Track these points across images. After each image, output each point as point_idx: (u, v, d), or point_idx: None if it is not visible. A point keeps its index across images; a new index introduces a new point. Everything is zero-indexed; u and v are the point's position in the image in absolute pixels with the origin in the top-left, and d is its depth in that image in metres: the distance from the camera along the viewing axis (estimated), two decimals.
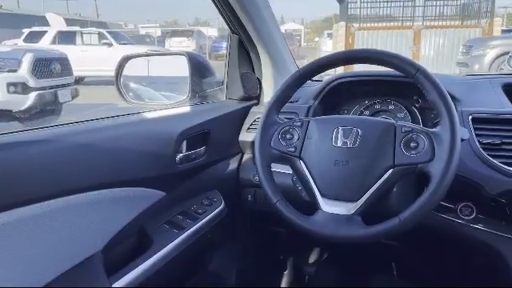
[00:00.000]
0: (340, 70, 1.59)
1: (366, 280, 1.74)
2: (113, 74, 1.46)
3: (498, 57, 9.07)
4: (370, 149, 0.96)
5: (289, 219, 0.98)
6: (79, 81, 9.85)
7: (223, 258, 1.49)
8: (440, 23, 11.45)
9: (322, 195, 0.98)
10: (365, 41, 10.98)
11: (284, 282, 1.77)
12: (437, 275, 1.54)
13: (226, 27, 1.48)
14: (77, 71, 7.32)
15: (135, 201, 1.02)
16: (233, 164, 1.44)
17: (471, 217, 1.09)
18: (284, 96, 1.11)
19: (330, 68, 1.09)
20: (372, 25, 11.54)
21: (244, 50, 1.50)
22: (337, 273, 1.85)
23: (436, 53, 11.22)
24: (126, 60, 1.48)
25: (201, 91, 1.48)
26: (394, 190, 1.02)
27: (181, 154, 1.20)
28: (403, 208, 0.90)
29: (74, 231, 0.86)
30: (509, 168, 1.01)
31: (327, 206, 0.97)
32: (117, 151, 1.01)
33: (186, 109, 1.36)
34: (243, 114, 1.48)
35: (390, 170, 0.94)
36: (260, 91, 1.55)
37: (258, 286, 1.66)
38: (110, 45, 11.77)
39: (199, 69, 1.48)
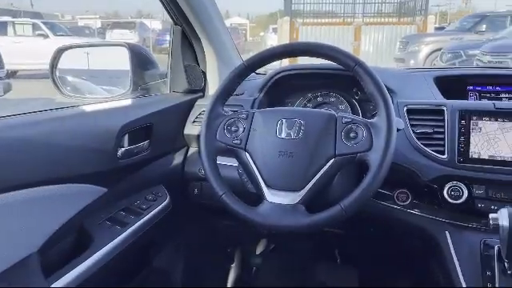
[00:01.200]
0: (286, 64, 1.61)
1: (311, 268, 1.79)
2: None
3: (431, 52, 9.61)
4: (312, 140, 0.99)
5: (234, 211, 0.99)
6: (12, 75, 9.24)
7: (169, 253, 1.47)
8: (379, 20, 11.93)
9: (267, 186, 0.99)
10: (309, 36, 11.20)
11: (231, 275, 1.77)
12: (377, 260, 1.62)
13: (171, 20, 1.45)
14: (9, 64, 6.86)
15: (74, 198, 0.98)
16: (178, 158, 1.42)
17: (407, 202, 1.16)
18: (229, 88, 1.10)
19: (274, 60, 1.10)
20: (315, 20, 11.80)
21: (187, 42, 1.48)
22: (284, 262, 1.88)
23: (375, 48, 11.68)
24: (61, 51, 1.40)
25: (143, 84, 1.45)
26: (336, 178, 1.05)
27: (122, 149, 1.16)
28: (345, 196, 0.93)
29: (8, 231, 0.81)
30: (440, 156, 1.08)
31: (272, 197, 0.98)
32: (54, 146, 0.96)
33: (128, 102, 1.32)
34: (188, 106, 1.46)
35: (332, 160, 0.97)
36: (205, 84, 1.53)
37: (206, 279, 1.65)
38: (45, 36, 11.12)
39: (141, 60, 1.44)
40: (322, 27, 11.53)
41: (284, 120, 1.02)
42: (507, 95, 1.28)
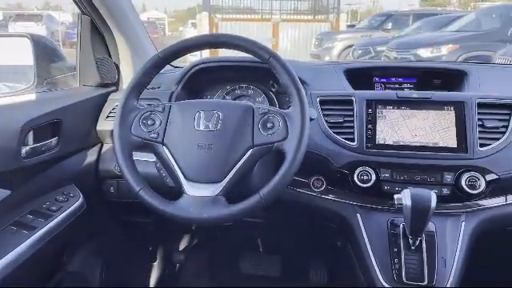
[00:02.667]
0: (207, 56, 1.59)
1: (234, 259, 1.81)
2: None
3: (344, 49, 10.14)
4: (230, 131, 0.99)
5: (153, 206, 0.96)
6: None
7: (86, 255, 1.40)
8: (295, 17, 12.32)
9: (187, 179, 0.98)
10: (228, 31, 11.17)
11: (154, 273, 1.73)
12: (297, 246, 1.68)
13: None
14: None
15: None
16: (91, 155, 1.35)
17: (322, 188, 1.21)
18: (143, 80, 1.07)
19: (189, 52, 1.09)
20: (234, 16, 11.88)
21: (98, 33, 1.40)
22: (208, 255, 1.88)
23: (293, 45, 12.05)
24: None
25: (49, 77, 1.35)
26: (256, 168, 1.07)
27: (27, 147, 1.07)
28: (264, 185, 0.95)
29: None
30: (350, 143, 1.14)
31: (192, 190, 0.97)
32: None
33: (32, 97, 1.22)
34: (100, 101, 1.38)
35: (250, 150, 0.98)
36: (118, 77, 1.47)
37: (127, 280, 1.59)
38: None
39: (46, 52, 1.34)
40: (241, 23, 11.62)
41: (202, 112, 1.02)
42: (408, 85, 1.39)
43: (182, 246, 1.81)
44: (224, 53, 1.26)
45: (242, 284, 1.74)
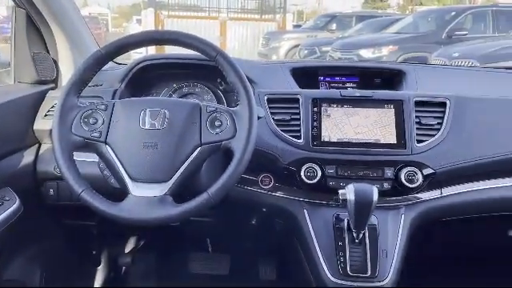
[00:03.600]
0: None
1: (183, 259, 1.79)
2: None
3: (291, 48, 10.32)
4: (177, 129, 0.98)
5: (96, 208, 0.93)
6: None
7: (23, 262, 1.32)
8: (243, 16, 12.36)
9: (132, 179, 0.96)
10: (174, 29, 10.95)
11: (98, 278, 1.67)
12: (246, 244, 1.69)
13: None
14: None
15: None
16: (28, 156, 1.27)
17: (270, 186, 1.22)
18: (84, 77, 1.02)
19: (134, 48, 1.06)
20: (181, 13, 11.70)
21: (34, 27, 1.33)
22: (155, 257, 1.84)
23: (240, 44, 12.09)
24: None
25: None
26: (204, 167, 1.06)
27: None
28: (212, 184, 0.94)
29: None
30: (296, 140, 1.16)
31: (137, 190, 0.95)
32: None
33: None
34: (38, 99, 1.31)
35: (198, 149, 0.97)
36: (57, 74, 1.40)
37: (69, 286, 1.52)
38: None
39: None
40: (188, 20, 11.48)
41: (147, 110, 0.99)
42: (351, 85, 1.44)
43: (128, 249, 1.76)
44: (170, 50, 1.23)
45: (191, 284, 1.73)
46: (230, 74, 1.01)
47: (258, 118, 1.01)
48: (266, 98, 1.22)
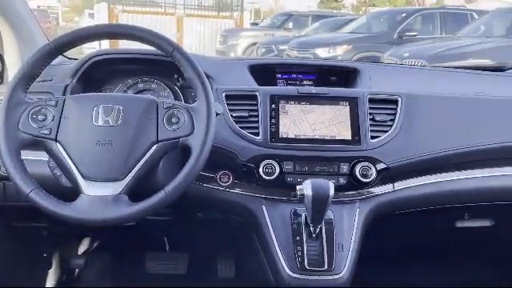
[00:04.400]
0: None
1: (140, 259, 1.75)
2: None
3: (248, 46, 10.35)
4: (132, 126, 0.96)
5: (46, 209, 0.89)
6: None
7: None
8: (200, 12, 12.25)
9: (84, 178, 0.93)
10: (129, 24, 10.77)
11: (49, 281, 1.60)
12: (206, 242, 1.68)
13: None
14: None
15: None
16: None
17: (229, 183, 1.22)
18: (32, 72, 0.98)
19: (86, 42, 1.02)
20: (136, 8, 11.43)
21: None
22: (110, 258, 1.79)
23: (198, 41, 11.98)
24: None
25: None
26: (161, 164, 1.04)
27: None
28: (170, 181, 0.93)
29: None
30: (255, 137, 1.17)
31: (91, 189, 0.92)
32: None
33: None
34: None
35: (155, 146, 0.96)
36: (3, 68, 1.33)
37: None
38: None
39: None
40: (143, 16, 11.23)
41: (101, 106, 0.96)
42: (308, 82, 1.46)
43: (81, 250, 1.70)
44: (125, 45, 1.20)
45: (148, 285, 1.70)
46: (187, 70, 1.00)
47: (217, 114, 1.01)
48: (224, 94, 1.22)
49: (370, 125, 1.19)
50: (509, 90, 1.41)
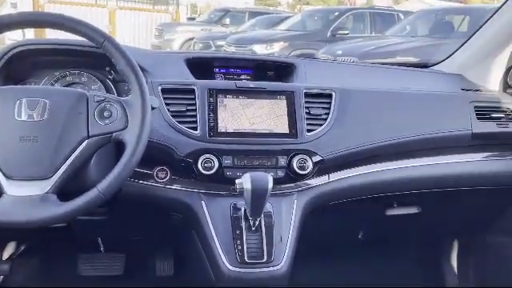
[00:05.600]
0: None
1: (72, 262, 1.66)
2: None
3: (185, 41, 10.20)
4: (60, 121, 0.91)
5: None
6: None
7: None
8: (133, 5, 11.85)
9: (7, 177, 0.87)
10: None
11: None
12: (143, 241, 1.63)
13: None
14: None
15: None
16: None
17: (166, 179, 1.19)
18: None
19: (7, 30, 0.96)
20: None
21: None
22: (39, 262, 1.69)
23: (132, 34, 11.58)
24: None
25: None
26: (94, 160, 1.00)
27: None
28: (103, 179, 0.90)
29: None
30: (193, 132, 1.15)
31: (14, 189, 0.87)
32: None
33: None
34: None
35: (85, 142, 0.92)
36: None
37: None
38: None
39: None
40: (72, 7, 10.65)
41: (24, 100, 0.91)
42: (246, 77, 1.46)
43: (5, 255, 1.58)
44: (52, 35, 1.13)
45: (80, 287, 1.62)
46: (119, 62, 0.96)
47: (152, 108, 0.98)
48: (160, 88, 1.18)
49: (306, 118, 1.22)
50: (432, 84, 1.52)
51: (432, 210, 1.55)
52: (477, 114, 1.39)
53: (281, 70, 1.45)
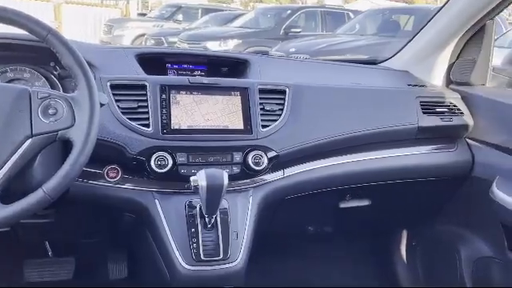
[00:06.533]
0: None
1: (17, 268, 1.57)
2: None
3: (136, 37, 9.95)
4: (1, 119, 0.85)
5: None
6: None
7: None
8: (81, 0, 11.40)
9: None
10: None
11: None
12: (94, 242, 1.57)
13: None
14: None
15: None
16: None
17: (117, 178, 1.15)
18: None
19: None
20: None
21: None
22: None
23: (79, 30, 11.14)
24: None
25: None
26: (39, 160, 0.96)
27: None
28: (49, 179, 0.86)
29: None
30: (145, 129, 1.12)
31: None
32: None
33: None
34: None
35: (29, 140, 0.87)
36: None
37: None
38: None
39: None
40: (15, 1, 10.07)
41: None
42: (200, 72, 1.44)
43: None
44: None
45: None
46: (64, 57, 0.92)
47: (101, 104, 0.95)
48: (108, 83, 1.14)
49: (261, 114, 1.22)
50: (380, 80, 1.57)
51: (382, 202, 1.61)
52: (422, 109, 1.45)
53: (235, 67, 1.44)
